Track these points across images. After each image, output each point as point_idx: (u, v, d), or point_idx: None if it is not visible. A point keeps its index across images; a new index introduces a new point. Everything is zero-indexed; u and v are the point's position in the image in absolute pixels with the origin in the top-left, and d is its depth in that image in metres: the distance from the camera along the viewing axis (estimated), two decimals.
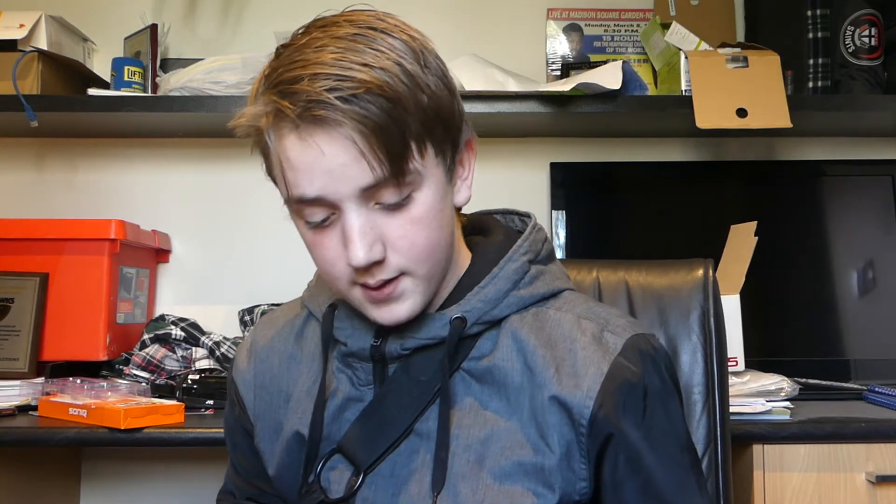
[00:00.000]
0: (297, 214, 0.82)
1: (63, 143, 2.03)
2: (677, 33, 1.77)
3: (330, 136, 0.75)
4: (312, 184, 0.77)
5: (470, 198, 0.88)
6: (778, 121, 1.65)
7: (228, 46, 2.03)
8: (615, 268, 1.15)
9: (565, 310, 0.88)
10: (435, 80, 0.80)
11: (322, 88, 0.74)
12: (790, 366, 1.63)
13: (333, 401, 0.89)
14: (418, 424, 0.85)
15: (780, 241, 1.85)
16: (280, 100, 0.75)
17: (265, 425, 0.95)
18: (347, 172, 0.76)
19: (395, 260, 0.80)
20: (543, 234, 0.94)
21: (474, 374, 0.86)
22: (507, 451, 0.82)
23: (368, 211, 0.79)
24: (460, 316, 0.85)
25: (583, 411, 0.81)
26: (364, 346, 0.87)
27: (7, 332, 1.65)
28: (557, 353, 0.84)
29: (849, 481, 1.39)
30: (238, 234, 2.01)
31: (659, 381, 0.85)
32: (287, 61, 0.77)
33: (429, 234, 0.81)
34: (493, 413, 0.84)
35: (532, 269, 0.89)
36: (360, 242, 0.78)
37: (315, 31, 0.79)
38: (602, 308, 0.90)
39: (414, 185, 0.79)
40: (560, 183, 1.95)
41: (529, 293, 0.88)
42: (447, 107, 0.81)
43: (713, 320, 1.09)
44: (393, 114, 0.75)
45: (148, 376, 1.69)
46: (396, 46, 0.78)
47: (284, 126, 0.76)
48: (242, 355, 1.00)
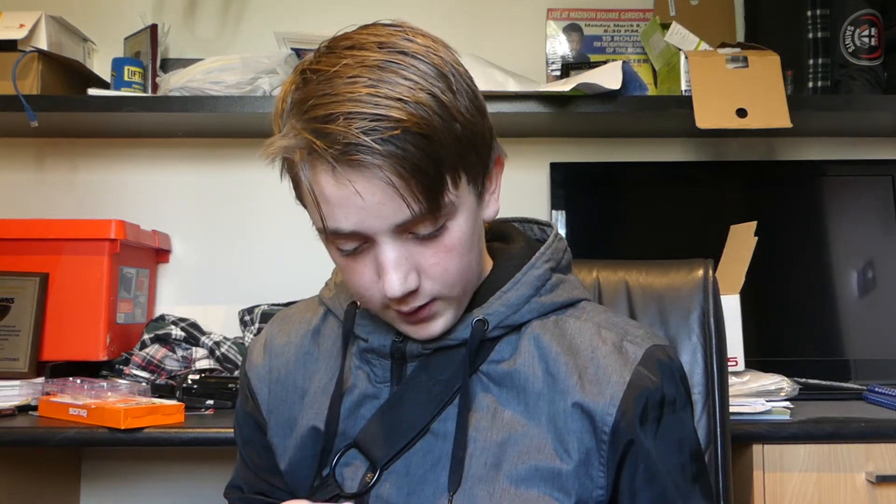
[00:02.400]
0: (330, 243, 0.82)
1: (63, 143, 2.03)
2: (677, 33, 1.77)
3: (367, 178, 0.74)
4: (348, 219, 0.77)
5: (498, 210, 0.89)
6: (778, 121, 1.65)
7: (228, 46, 2.03)
8: (615, 268, 1.15)
9: (585, 319, 0.89)
10: (466, 103, 0.79)
11: (359, 131, 0.73)
12: (790, 366, 1.63)
13: (350, 397, 0.89)
14: (435, 424, 0.85)
15: (780, 241, 1.85)
16: (315, 139, 0.74)
17: (279, 420, 0.95)
18: (383, 211, 0.76)
19: (428, 287, 0.81)
20: (564, 243, 0.96)
21: (493, 377, 0.86)
22: (524, 456, 0.82)
23: (403, 242, 0.79)
24: (482, 318, 0.86)
25: (606, 419, 0.82)
26: (385, 342, 0.88)
27: (7, 332, 1.65)
28: (580, 361, 0.85)
29: (849, 481, 1.39)
30: (238, 234, 2.01)
31: (675, 391, 0.87)
32: (318, 93, 0.76)
33: (460, 259, 0.81)
34: (511, 416, 0.84)
35: (553, 277, 0.90)
36: (396, 274, 0.78)
37: (343, 54, 0.77)
38: (620, 318, 0.91)
39: (448, 216, 0.79)
40: (560, 183, 1.95)
41: (550, 300, 0.89)
42: (479, 131, 0.81)
43: (713, 320, 1.09)
44: (429, 150, 0.75)
45: (148, 376, 1.69)
46: (428, 73, 0.77)
47: (319, 164, 0.76)
48: (257, 350, 1.00)
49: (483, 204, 0.86)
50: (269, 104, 1.75)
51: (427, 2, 2.03)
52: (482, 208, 0.86)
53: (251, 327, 1.83)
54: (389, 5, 1.97)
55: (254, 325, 1.83)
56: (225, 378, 1.62)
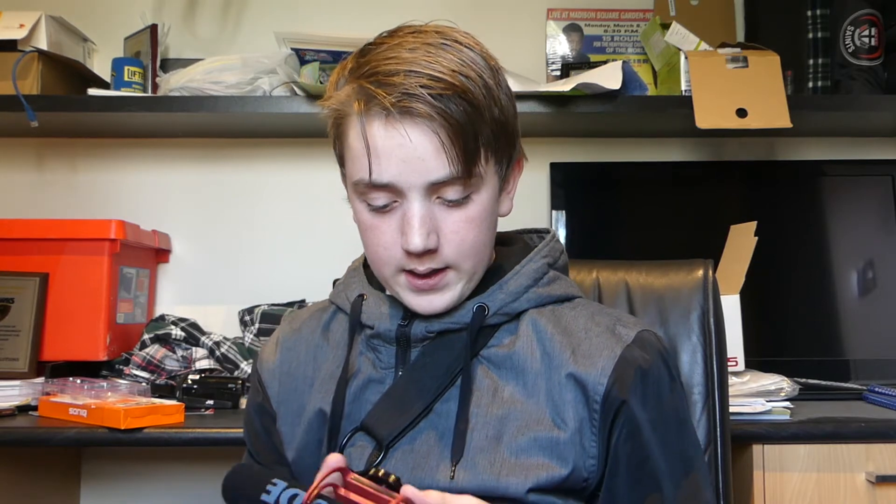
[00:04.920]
0: (362, 196, 0.88)
1: (63, 143, 2.03)
2: (677, 33, 1.77)
3: (418, 126, 0.83)
4: (389, 170, 0.84)
5: (511, 209, 0.96)
6: (778, 121, 1.65)
7: (228, 46, 2.03)
8: (615, 268, 1.16)
9: (580, 309, 0.95)
10: (505, 98, 0.89)
11: (417, 84, 0.82)
12: (790, 366, 1.63)
13: (355, 381, 0.93)
14: (438, 405, 0.90)
15: (780, 241, 1.85)
16: (376, 88, 0.83)
17: (288, 409, 0.99)
18: (423, 166, 0.84)
19: (445, 252, 0.87)
20: (561, 245, 1.01)
21: (493, 360, 0.91)
22: (523, 428, 0.87)
23: (430, 203, 0.86)
24: (482, 304, 0.91)
25: (597, 388, 0.87)
26: (391, 327, 0.92)
27: (7, 332, 1.65)
28: (574, 340, 0.90)
29: (849, 481, 1.39)
30: (238, 234, 2.01)
31: (666, 372, 0.91)
32: (381, 57, 0.85)
33: (478, 233, 0.88)
34: (511, 394, 0.89)
35: (550, 273, 0.96)
36: (420, 229, 0.85)
37: (406, 35, 0.87)
38: (613, 310, 0.98)
39: (475, 187, 0.87)
40: (560, 183, 1.95)
41: (547, 292, 0.94)
42: (511, 123, 0.91)
43: (713, 321, 1.09)
44: (472, 118, 0.84)
45: (148, 376, 1.69)
46: (478, 62, 0.87)
47: (375, 112, 0.84)
48: (269, 347, 1.05)
49: (500, 198, 0.93)
50: (269, 104, 1.75)
51: (427, 1, 2.03)
52: (500, 201, 0.93)
53: (251, 327, 1.83)
54: (390, 6, 1.97)
55: (254, 325, 1.83)
56: (225, 378, 1.62)
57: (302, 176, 2.00)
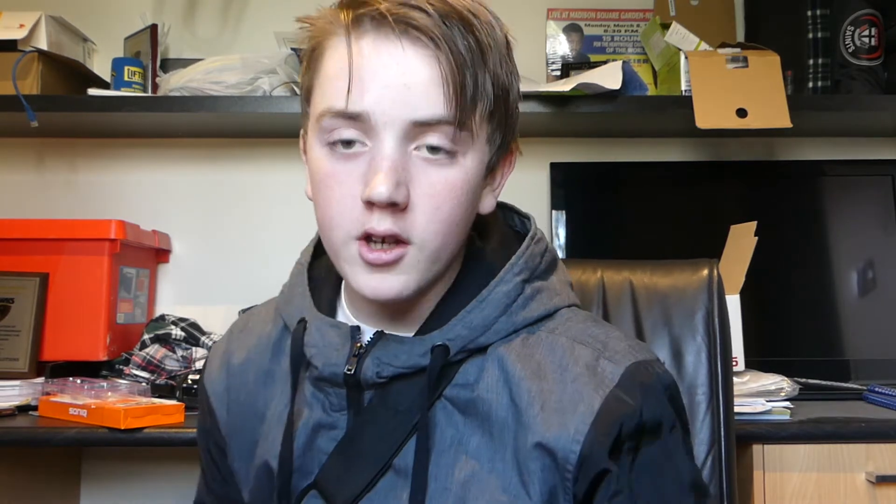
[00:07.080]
0: (324, 135, 0.74)
1: (63, 143, 2.02)
2: (677, 33, 1.78)
3: (415, 46, 0.70)
4: (367, 95, 0.70)
5: (493, 207, 0.83)
6: (778, 121, 1.65)
7: (228, 46, 2.03)
8: (619, 268, 1.15)
9: (559, 332, 0.80)
10: (513, 75, 0.78)
11: (426, 1, 0.70)
12: (790, 366, 1.63)
13: (304, 428, 0.82)
14: (397, 460, 0.78)
15: (780, 241, 1.85)
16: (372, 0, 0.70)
17: (239, 444, 0.89)
18: (410, 96, 0.70)
19: (413, 216, 0.72)
20: (543, 244, 0.85)
21: (458, 403, 0.78)
22: (486, 495, 0.75)
23: (406, 152, 0.72)
24: (442, 344, 0.77)
25: (569, 456, 0.73)
26: (337, 371, 0.79)
27: (7, 332, 1.65)
28: (545, 385, 0.76)
29: (849, 481, 1.39)
30: (238, 234, 2.01)
31: (659, 415, 0.76)
32: None
33: (454, 206, 0.74)
34: (475, 451, 0.77)
35: (527, 290, 0.81)
36: (389, 174, 0.70)
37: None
38: (601, 329, 0.81)
39: (464, 146, 0.73)
40: (560, 183, 1.95)
41: (522, 318, 0.80)
42: (513, 103, 0.79)
43: (718, 321, 1.08)
44: (478, 62, 0.72)
45: (148, 376, 1.69)
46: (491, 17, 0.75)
47: (367, 23, 0.71)
48: (215, 364, 0.94)
49: (484, 191, 0.81)
50: (269, 104, 1.75)
51: None
52: (483, 194, 0.80)
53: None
54: None
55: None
56: None
57: (302, 176, 1.97)
